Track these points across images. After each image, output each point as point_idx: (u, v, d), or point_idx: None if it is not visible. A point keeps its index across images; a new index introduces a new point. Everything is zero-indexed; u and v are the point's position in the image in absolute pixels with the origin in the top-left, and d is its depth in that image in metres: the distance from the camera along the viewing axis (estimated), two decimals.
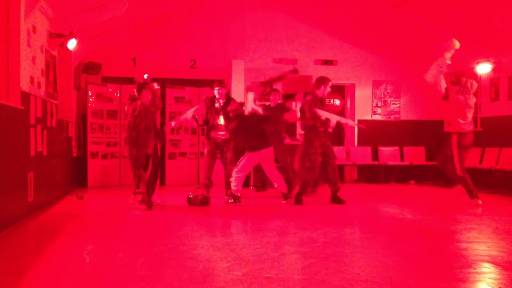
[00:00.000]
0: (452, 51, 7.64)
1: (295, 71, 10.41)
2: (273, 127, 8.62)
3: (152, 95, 7.09)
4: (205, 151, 8.55)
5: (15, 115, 5.60)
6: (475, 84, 7.91)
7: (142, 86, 7.07)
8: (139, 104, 7.00)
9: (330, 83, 7.87)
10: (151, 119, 7.07)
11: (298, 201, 7.57)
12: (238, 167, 7.70)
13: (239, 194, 7.59)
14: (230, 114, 7.85)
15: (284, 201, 7.75)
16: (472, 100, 7.83)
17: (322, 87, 7.83)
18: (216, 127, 8.32)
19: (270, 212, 7.05)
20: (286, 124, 9.59)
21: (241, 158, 7.83)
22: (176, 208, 7.35)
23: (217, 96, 8.34)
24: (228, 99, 8.36)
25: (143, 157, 6.98)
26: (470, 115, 7.81)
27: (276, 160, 8.56)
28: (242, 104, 8.12)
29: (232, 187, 7.62)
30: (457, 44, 7.57)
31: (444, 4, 9.12)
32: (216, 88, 8.34)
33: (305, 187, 7.68)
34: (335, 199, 7.66)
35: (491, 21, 8.97)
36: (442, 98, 7.74)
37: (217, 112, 8.33)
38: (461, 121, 7.68)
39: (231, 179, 7.69)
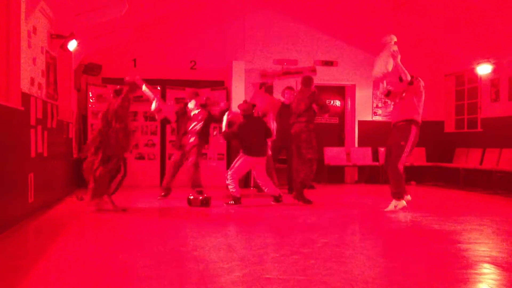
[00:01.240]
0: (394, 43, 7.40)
1: (313, 70, 10.29)
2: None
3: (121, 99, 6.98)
4: (173, 157, 8.65)
5: (16, 116, 5.61)
6: (422, 83, 7.27)
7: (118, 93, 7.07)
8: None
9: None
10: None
11: (306, 200, 7.75)
12: (233, 169, 7.69)
13: (239, 195, 7.60)
14: (240, 113, 7.90)
15: (274, 202, 7.78)
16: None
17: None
18: (187, 133, 8.47)
19: (270, 213, 7.05)
20: None
21: (236, 159, 7.83)
22: (176, 209, 7.35)
23: (191, 106, 8.51)
24: (204, 106, 8.60)
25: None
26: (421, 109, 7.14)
27: (279, 160, 8.60)
28: (253, 105, 8.20)
29: (230, 190, 7.63)
30: (393, 37, 7.39)
31: (444, 5, 9.12)
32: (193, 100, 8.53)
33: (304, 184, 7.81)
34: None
35: (491, 22, 8.97)
36: (408, 84, 6.95)
37: (189, 119, 8.47)
38: (419, 109, 7.01)
39: (227, 181, 7.67)
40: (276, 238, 5.28)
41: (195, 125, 8.43)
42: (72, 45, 7.91)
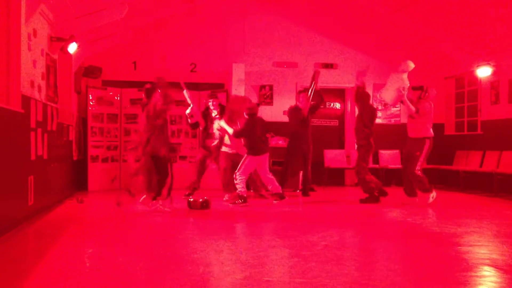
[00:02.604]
0: (407, 72, 8.16)
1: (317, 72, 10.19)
2: (310, 129, 9.38)
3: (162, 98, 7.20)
4: (198, 157, 8.96)
5: (16, 119, 5.61)
6: (435, 92, 8.32)
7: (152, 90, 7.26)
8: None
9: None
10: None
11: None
12: (240, 170, 7.91)
13: (246, 195, 7.86)
14: (246, 112, 8.09)
15: (276, 202, 8.03)
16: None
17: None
18: (211, 135, 8.69)
19: (270, 215, 7.05)
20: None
21: (242, 160, 7.99)
22: (177, 211, 7.34)
23: (211, 107, 8.81)
24: (222, 108, 8.81)
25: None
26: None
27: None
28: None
29: (239, 189, 7.84)
30: (411, 66, 8.10)
31: (444, 7, 9.13)
32: (210, 100, 8.88)
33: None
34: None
35: (491, 25, 8.98)
36: (415, 113, 8.05)
37: (212, 121, 8.68)
38: (429, 127, 8.11)
39: (236, 181, 7.89)
40: (276, 240, 5.27)
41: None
42: (72, 47, 7.92)
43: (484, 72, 10.41)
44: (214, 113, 8.74)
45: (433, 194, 8.03)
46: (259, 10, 11.68)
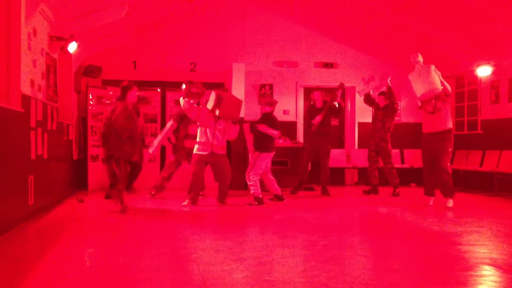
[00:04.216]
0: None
1: (341, 87, 10.14)
2: (325, 128, 9.44)
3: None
4: (172, 159, 8.84)
5: (16, 118, 5.61)
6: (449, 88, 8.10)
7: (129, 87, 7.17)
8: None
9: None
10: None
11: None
12: (253, 169, 7.74)
13: (261, 196, 7.67)
14: (266, 108, 8.08)
15: (275, 201, 8.07)
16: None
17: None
18: (189, 136, 8.52)
19: (271, 215, 7.05)
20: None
21: (251, 160, 7.89)
22: (176, 211, 7.35)
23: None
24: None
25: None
26: None
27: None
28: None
29: (253, 190, 7.66)
30: (420, 58, 8.04)
31: (444, 7, 9.12)
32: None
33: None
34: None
35: (491, 24, 8.98)
36: (447, 95, 7.88)
37: (190, 122, 8.52)
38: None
39: (250, 183, 7.71)
40: (276, 239, 5.28)
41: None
42: (72, 47, 7.92)
43: (484, 71, 10.41)
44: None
45: (454, 198, 7.76)
46: (259, 9, 11.67)
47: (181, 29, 11.36)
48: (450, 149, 7.80)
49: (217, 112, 7.59)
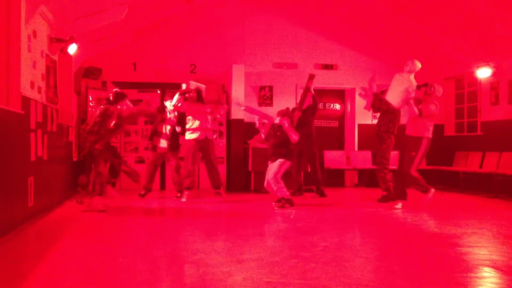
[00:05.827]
0: (414, 73, 7.98)
1: (312, 77, 10.06)
2: (306, 129, 9.08)
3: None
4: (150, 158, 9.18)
5: (16, 120, 5.60)
6: (441, 89, 8.12)
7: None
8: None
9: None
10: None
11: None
12: (276, 178, 7.56)
13: (290, 197, 7.64)
14: (291, 117, 8.12)
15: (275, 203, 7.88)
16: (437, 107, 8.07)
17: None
18: (159, 134, 8.96)
19: (271, 216, 7.04)
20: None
21: (277, 168, 7.60)
22: (177, 212, 7.35)
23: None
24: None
25: None
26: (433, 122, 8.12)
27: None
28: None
29: (281, 195, 7.56)
30: (418, 65, 7.92)
31: (444, 8, 9.14)
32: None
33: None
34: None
35: (491, 26, 8.99)
36: (419, 116, 7.86)
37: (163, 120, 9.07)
38: (429, 127, 7.92)
39: (277, 186, 7.55)
40: (276, 241, 5.27)
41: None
42: (72, 48, 7.93)
43: (484, 73, 10.42)
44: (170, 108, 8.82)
45: (431, 192, 7.87)
46: (259, 11, 11.68)
47: (181, 31, 11.37)
48: (413, 154, 7.86)
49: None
